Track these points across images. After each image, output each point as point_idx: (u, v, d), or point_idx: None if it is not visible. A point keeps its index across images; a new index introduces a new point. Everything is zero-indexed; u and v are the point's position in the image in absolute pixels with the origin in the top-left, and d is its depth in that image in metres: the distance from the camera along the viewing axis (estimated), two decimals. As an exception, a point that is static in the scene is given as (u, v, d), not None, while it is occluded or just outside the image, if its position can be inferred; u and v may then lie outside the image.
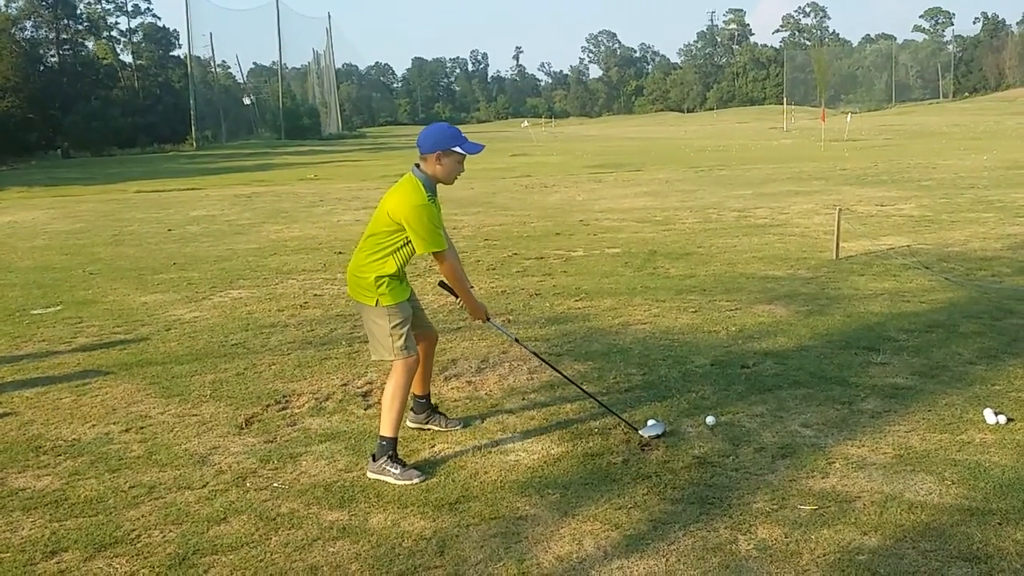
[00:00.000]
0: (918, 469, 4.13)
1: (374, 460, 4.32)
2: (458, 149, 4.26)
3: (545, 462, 4.39)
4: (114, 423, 5.18)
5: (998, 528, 3.53)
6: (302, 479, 4.29)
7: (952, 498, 3.82)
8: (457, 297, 4.65)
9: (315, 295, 8.83)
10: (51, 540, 3.73)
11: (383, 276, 4.30)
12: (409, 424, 4.87)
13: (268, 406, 5.40)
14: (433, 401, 5.08)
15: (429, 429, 4.90)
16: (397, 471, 4.25)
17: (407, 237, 4.24)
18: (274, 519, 3.86)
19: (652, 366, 5.91)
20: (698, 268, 9.52)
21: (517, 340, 5.04)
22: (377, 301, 4.31)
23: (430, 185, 4.30)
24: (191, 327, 7.61)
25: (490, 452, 4.56)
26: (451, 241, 4.63)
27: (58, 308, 8.66)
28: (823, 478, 4.08)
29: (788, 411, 4.97)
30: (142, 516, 3.92)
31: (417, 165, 4.32)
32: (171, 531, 3.77)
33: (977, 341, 6.25)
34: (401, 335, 4.34)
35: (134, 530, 3.79)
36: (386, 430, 4.35)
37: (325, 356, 6.49)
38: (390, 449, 4.31)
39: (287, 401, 5.49)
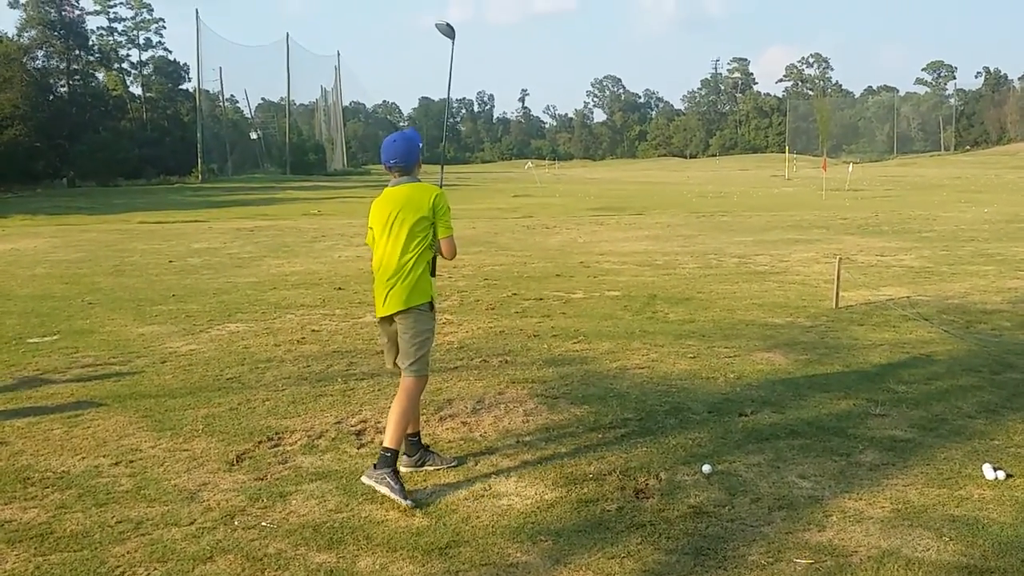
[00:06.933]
0: (916, 524, 4.08)
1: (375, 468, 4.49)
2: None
3: (538, 507, 4.33)
4: (104, 456, 5.13)
5: (997, 588, 3.47)
6: (291, 518, 4.24)
7: (950, 555, 3.76)
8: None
9: (313, 331, 8.80)
10: (34, 575, 3.67)
11: (426, 272, 4.67)
12: (403, 468, 4.82)
13: (260, 443, 5.35)
14: (426, 441, 5.04)
15: (424, 471, 4.85)
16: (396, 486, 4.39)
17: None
18: (261, 559, 3.80)
19: (649, 412, 5.87)
20: (697, 313, 9.50)
21: None
22: (432, 298, 4.68)
23: None
24: (187, 360, 7.58)
25: (482, 496, 4.51)
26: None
27: (55, 337, 8.64)
28: (820, 531, 4.02)
29: (785, 461, 4.92)
30: (127, 552, 3.87)
31: (408, 176, 4.71)
32: (156, 569, 3.71)
33: (976, 395, 6.21)
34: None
35: (119, 567, 3.73)
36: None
37: (320, 393, 6.45)
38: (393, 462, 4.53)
39: (279, 438, 5.44)
